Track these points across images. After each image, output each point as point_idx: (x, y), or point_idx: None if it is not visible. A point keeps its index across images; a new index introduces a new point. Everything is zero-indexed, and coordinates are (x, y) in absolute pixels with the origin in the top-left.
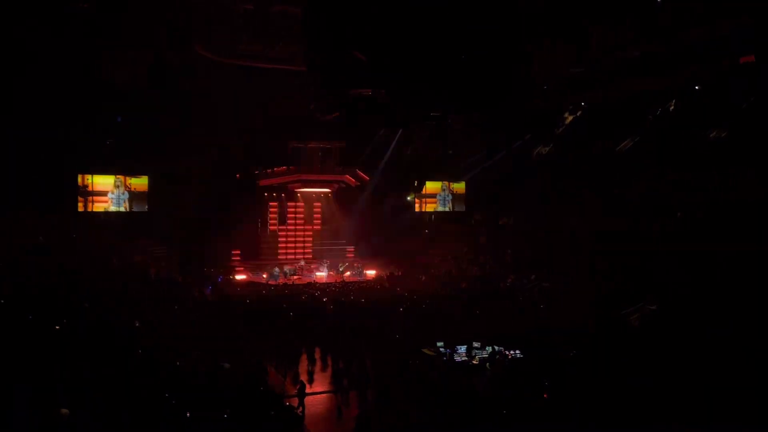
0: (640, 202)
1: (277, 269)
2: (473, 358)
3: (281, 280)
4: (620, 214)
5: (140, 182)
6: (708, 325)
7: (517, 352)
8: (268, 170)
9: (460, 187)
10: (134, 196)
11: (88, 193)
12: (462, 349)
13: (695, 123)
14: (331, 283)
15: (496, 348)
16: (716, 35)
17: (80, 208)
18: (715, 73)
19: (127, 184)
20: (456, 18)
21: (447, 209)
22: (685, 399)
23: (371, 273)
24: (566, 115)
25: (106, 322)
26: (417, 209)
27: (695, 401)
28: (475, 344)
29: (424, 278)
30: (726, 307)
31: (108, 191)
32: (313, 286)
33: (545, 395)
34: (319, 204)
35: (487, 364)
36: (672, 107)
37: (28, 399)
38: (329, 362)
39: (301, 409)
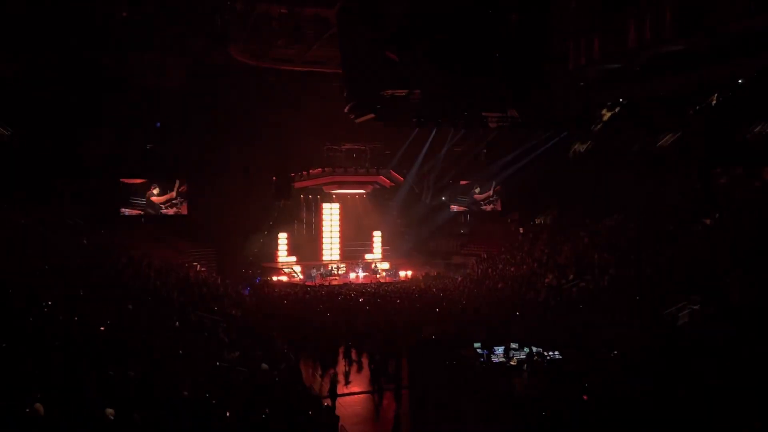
0: (681, 199)
1: (314, 270)
2: (511, 359)
3: (318, 281)
4: (662, 211)
5: (179, 186)
6: (755, 327)
7: (556, 353)
8: (304, 172)
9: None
10: (173, 199)
11: (128, 197)
12: (499, 350)
13: (739, 117)
14: (366, 283)
15: (535, 349)
16: (761, 27)
17: (121, 212)
18: (759, 66)
19: (167, 187)
20: (489, 15)
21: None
22: (732, 402)
23: (406, 274)
24: (604, 111)
25: (148, 323)
26: (452, 209)
27: (741, 404)
28: (513, 345)
29: (459, 279)
30: None
31: (149, 195)
32: (349, 286)
33: (585, 397)
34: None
35: (525, 365)
36: (714, 101)
37: (74, 400)
38: (365, 362)
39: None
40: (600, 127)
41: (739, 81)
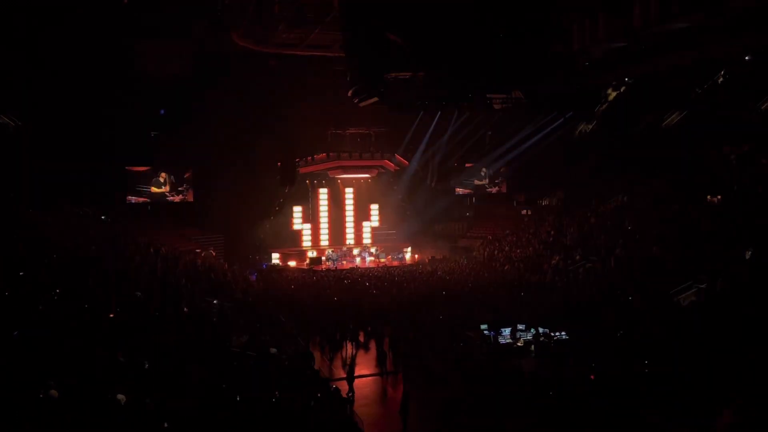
0: (689, 177)
1: (322, 255)
2: (518, 340)
3: (324, 266)
4: (669, 191)
5: (185, 173)
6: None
7: (563, 333)
8: (309, 158)
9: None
10: (179, 186)
11: (134, 185)
12: (506, 331)
13: (746, 95)
14: (373, 267)
15: (541, 330)
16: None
17: (128, 200)
18: (767, 42)
19: (172, 175)
20: None
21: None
22: (738, 380)
23: (413, 257)
24: (609, 91)
25: (156, 310)
26: (457, 192)
27: (747, 382)
28: (520, 326)
29: (466, 261)
30: None
31: (152, 183)
32: (356, 271)
33: (592, 376)
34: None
35: (532, 346)
36: (721, 79)
37: (86, 385)
38: (373, 345)
39: (350, 393)
40: (605, 107)
41: (746, 58)
